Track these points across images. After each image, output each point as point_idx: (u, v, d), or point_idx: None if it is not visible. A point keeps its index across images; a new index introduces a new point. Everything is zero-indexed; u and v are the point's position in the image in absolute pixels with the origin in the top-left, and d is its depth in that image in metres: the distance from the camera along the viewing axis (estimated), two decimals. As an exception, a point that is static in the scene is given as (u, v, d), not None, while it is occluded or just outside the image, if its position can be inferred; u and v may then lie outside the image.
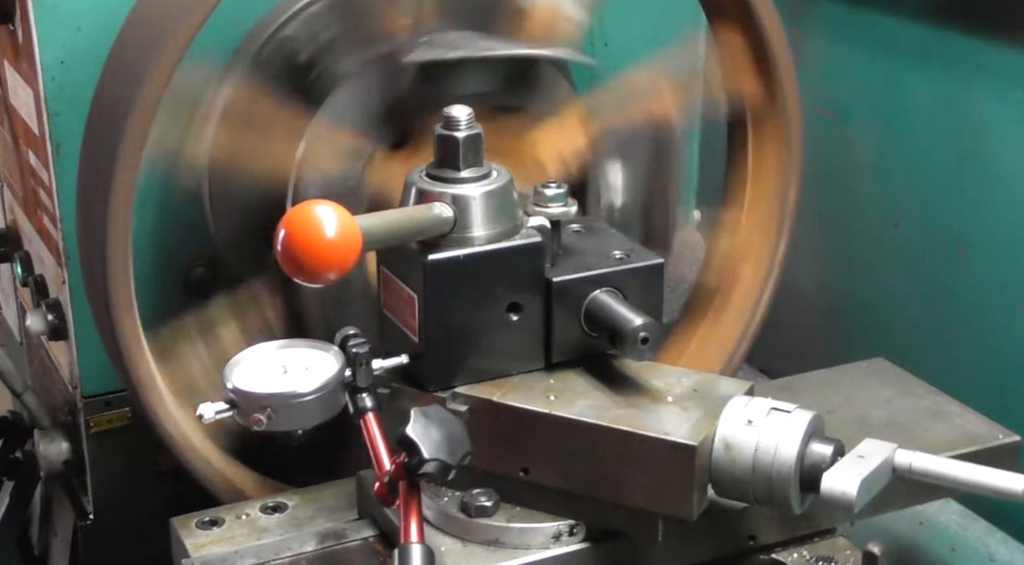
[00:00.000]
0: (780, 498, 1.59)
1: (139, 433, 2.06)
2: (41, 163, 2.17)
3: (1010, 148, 2.31)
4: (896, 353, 2.13)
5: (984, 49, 2.32)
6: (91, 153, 1.89)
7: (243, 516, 1.82)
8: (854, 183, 2.61)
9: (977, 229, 2.38)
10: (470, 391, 1.70)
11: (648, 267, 1.77)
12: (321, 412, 1.62)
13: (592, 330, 1.74)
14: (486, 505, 1.69)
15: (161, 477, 2.24)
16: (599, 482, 1.65)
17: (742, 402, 1.63)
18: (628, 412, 1.65)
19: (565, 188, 1.75)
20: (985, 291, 2.38)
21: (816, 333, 2.74)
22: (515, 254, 1.70)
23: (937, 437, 1.90)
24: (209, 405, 1.60)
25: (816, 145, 2.27)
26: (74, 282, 2.14)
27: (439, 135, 1.71)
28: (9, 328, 2.68)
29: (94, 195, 1.85)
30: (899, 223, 2.53)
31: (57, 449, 2.36)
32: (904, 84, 2.49)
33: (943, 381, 2.05)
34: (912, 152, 2.49)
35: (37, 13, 2.03)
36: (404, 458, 1.54)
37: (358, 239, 1.53)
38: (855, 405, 1.97)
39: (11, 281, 2.53)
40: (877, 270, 2.59)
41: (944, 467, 1.57)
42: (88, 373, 2.22)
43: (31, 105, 2.14)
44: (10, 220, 2.52)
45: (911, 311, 2.52)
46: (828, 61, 2.60)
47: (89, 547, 2.33)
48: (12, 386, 2.42)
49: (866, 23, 2.53)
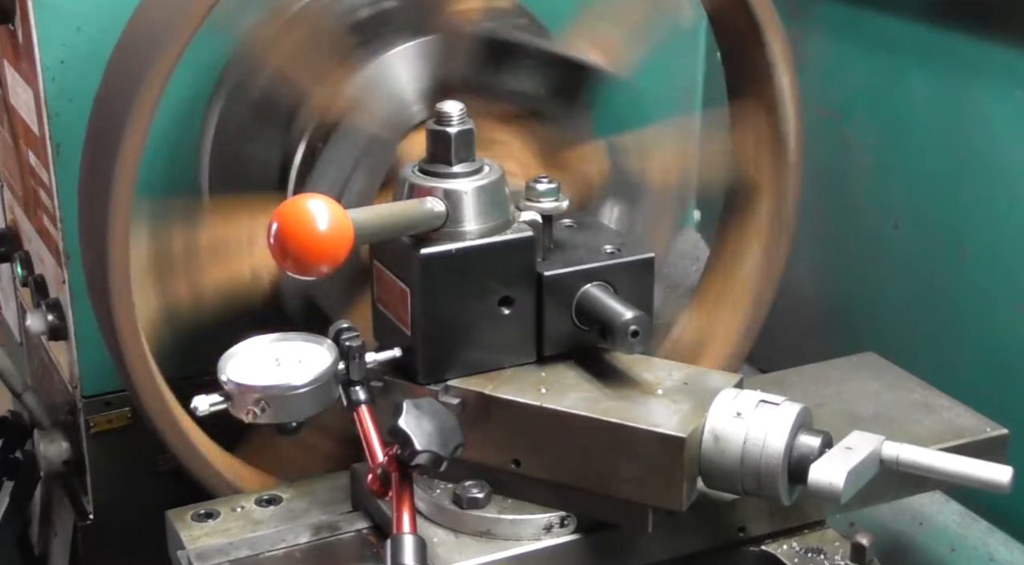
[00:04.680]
0: (769, 489, 1.60)
1: (139, 433, 2.07)
2: (41, 163, 2.17)
3: (1010, 148, 2.30)
4: (896, 353, 2.13)
5: (984, 49, 2.32)
6: (91, 153, 1.90)
7: (238, 508, 1.84)
8: (854, 183, 2.61)
9: (977, 229, 2.38)
10: (462, 384, 1.71)
11: (639, 261, 1.78)
12: (314, 404, 1.64)
13: (583, 324, 1.74)
14: (478, 497, 1.70)
15: (161, 477, 2.24)
16: (590, 474, 1.66)
17: (731, 394, 1.64)
18: (618, 404, 1.66)
19: (557, 183, 1.76)
20: (985, 291, 2.38)
21: (816, 333, 2.74)
22: (507, 248, 1.71)
23: (925, 430, 1.91)
24: (203, 397, 1.62)
25: (816, 145, 2.27)
26: (74, 282, 2.15)
27: (431, 130, 1.72)
28: (9, 328, 2.69)
29: (94, 195, 1.85)
30: (899, 223, 2.52)
31: (57, 449, 2.36)
32: (904, 84, 2.49)
33: (943, 381, 2.05)
34: (912, 152, 2.49)
35: (37, 13, 2.04)
36: (397, 450, 1.55)
37: (349, 232, 1.54)
38: (844, 398, 1.98)
39: (11, 281, 2.54)
40: (877, 270, 2.59)
41: (931, 459, 1.58)
42: (88, 373, 2.22)
43: (31, 105, 2.15)
44: (10, 220, 2.53)
45: (911, 311, 2.51)
46: (828, 61, 2.60)
47: (89, 547, 2.34)
48: (12, 386, 2.42)
49: (866, 23, 2.53)
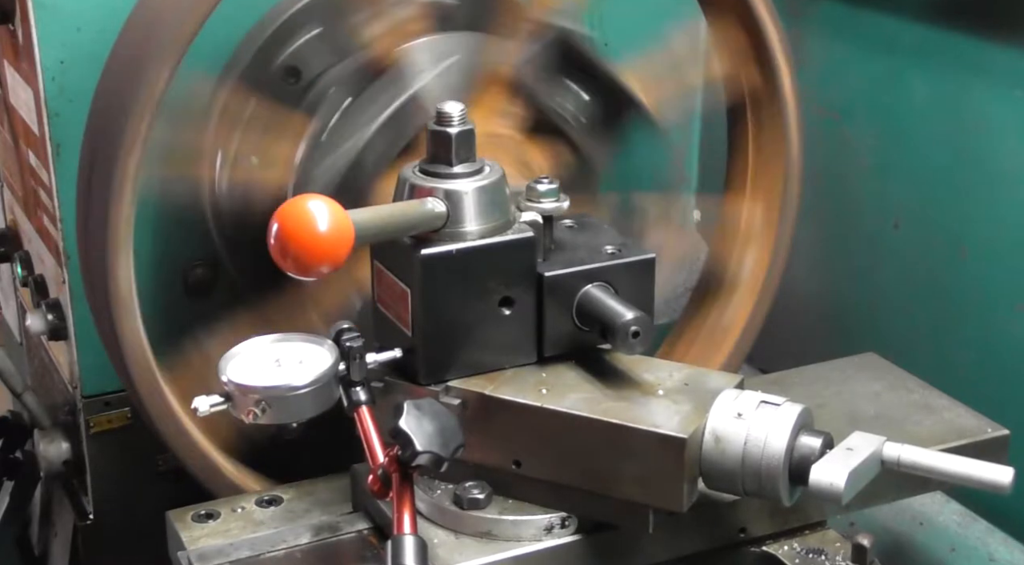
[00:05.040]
0: (769, 490, 1.59)
1: (139, 433, 2.07)
2: (41, 163, 2.17)
3: (1010, 148, 2.31)
4: (895, 353, 2.13)
5: (984, 49, 2.32)
6: (91, 153, 1.90)
7: (239, 509, 1.84)
8: (854, 183, 2.61)
9: (977, 229, 2.38)
10: (463, 384, 1.71)
11: (640, 262, 1.77)
12: (315, 405, 1.63)
13: (584, 324, 1.74)
14: (478, 498, 1.70)
15: (161, 477, 2.24)
16: (590, 475, 1.65)
17: (732, 395, 1.64)
18: (619, 405, 1.66)
19: (557, 183, 1.76)
20: (985, 291, 2.38)
21: (815, 333, 2.74)
22: (507, 249, 1.71)
23: (926, 431, 1.91)
24: (204, 398, 1.62)
25: (816, 145, 2.27)
26: (74, 282, 2.14)
27: (432, 130, 1.72)
28: (9, 328, 2.69)
29: (94, 195, 1.85)
30: (899, 223, 2.52)
31: (57, 449, 2.36)
32: (904, 84, 2.49)
33: (942, 381, 2.05)
34: (912, 152, 2.49)
35: (37, 13, 2.03)
36: (397, 450, 1.55)
37: (350, 233, 1.54)
38: (845, 399, 1.98)
39: (11, 281, 2.53)
40: (876, 270, 2.59)
41: (932, 459, 1.58)
42: (88, 373, 2.22)
43: (31, 105, 2.14)
44: (10, 220, 2.52)
45: (910, 311, 2.52)
46: (828, 61, 2.60)
47: (89, 547, 2.33)
48: (12, 386, 2.42)
49: (866, 23, 2.54)
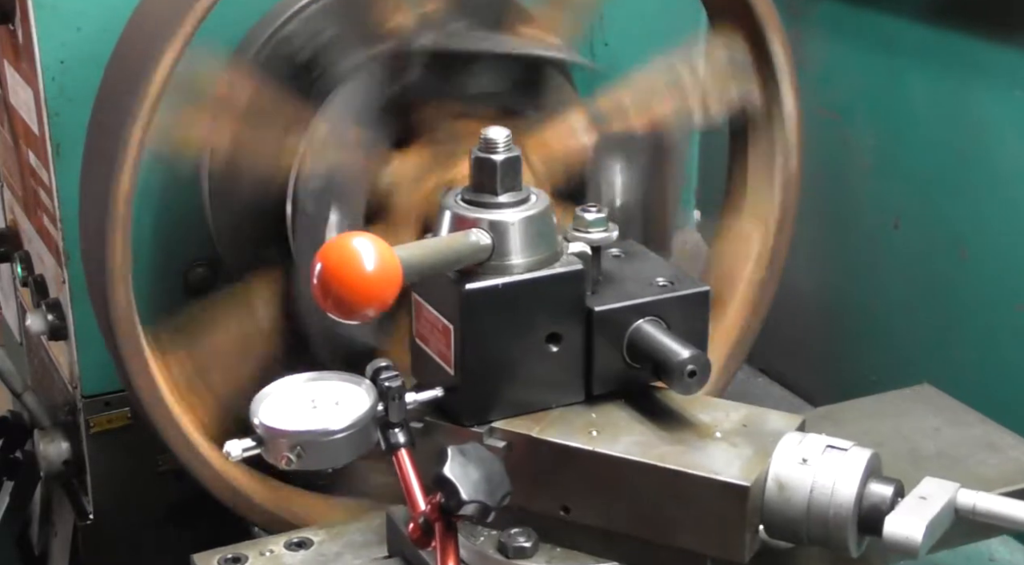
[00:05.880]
0: (837, 540, 1.50)
1: (139, 433, 2.05)
2: (41, 163, 2.17)
3: (1010, 148, 2.31)
4: (896, 353, 2.14)
5: (984, 49, 2.32)
6: (92, 153, 1.89)
7: (267, 552, 1.71)
8: (854, 183, 2.61)
9: (977, 229, 2.38)
10: (508, 426, 1.60)
11: (693, 295, 1.66)
12: (352, 450, 1.51)
13: (635, 361, 1.63)
14: (525, 546, 1.58)
15: (161, 477, 2.24)
16: (644, 522, 1.55)
17: (795, 439, 1.54)
18: (675, 449, 1.55)
19: (605, 212, 1.65)
20: (985, 291, 2.38)
21: (816, 333, 2.74)
22: (555, 282, 1.59)
23: (992, 471, 1.82)
24: (236, 442, 1.50)
25: (816, 145, 2.27)
26: (74, 282, 2.14)
27: (476, 158, 1.60)
28: (9, 328, 2.68)
29: (95, 195, 1.85)
30: (899, 223, 2.53)
31: (57, 449, 2.36)
32: (904, 84, 2.49)
33: (943, 381, 2.05)
34: (912, 152, 2.49)
35: (37, 13, 2.03)
36: (440, 498, 1.44)
37: (398, 272, 1.42)
38: (904, 435, 1.90)
39: (11, 281, 2.53)
40: (877, 270, 2.59)
41: (1010, 508, 1.48)
42: (88, 373, 2.22)
43: (31, 105, 2.14)
44: (10, 220, 2.52)
45: (911, 311, 2.52)
46: (828, 61, 2.60)
47: (89, 547, 2.33)
48: (12, 386, 2.42)
49: (866, 23, 2.53)
